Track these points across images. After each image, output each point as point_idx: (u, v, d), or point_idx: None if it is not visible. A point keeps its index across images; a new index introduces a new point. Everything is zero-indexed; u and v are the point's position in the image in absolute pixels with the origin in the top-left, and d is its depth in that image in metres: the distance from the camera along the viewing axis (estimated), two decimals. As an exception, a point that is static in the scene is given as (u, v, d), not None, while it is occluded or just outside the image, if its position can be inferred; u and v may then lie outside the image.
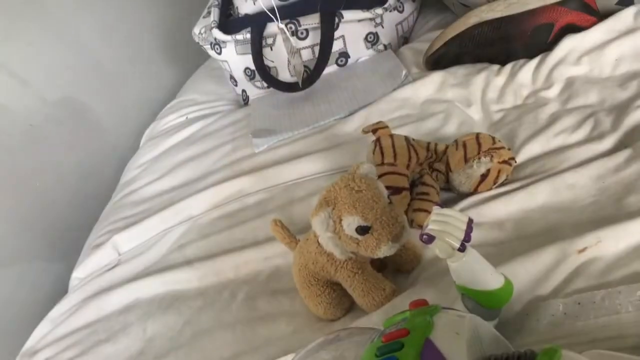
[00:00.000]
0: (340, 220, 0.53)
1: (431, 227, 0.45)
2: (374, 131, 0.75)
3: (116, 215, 1.03)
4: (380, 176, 0.68)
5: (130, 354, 0.72)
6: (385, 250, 0.53)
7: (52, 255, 1.13)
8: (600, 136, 0.68)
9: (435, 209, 0.47)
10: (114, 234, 0.95)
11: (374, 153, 0.72)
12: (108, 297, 0.82)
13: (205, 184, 0.95)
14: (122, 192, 1.12)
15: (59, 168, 1.19)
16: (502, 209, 0.64)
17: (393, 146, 0.71)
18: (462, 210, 0.66)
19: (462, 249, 0.45)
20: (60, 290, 1.00)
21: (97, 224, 1.08)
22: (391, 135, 0.73)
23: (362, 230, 0.53)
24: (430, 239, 0.45)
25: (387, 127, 0.75)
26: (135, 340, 0.74)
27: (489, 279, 0.47)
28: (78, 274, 0.95)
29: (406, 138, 0.72)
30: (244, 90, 1.22)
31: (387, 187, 0.67)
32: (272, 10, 1.06)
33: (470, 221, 0.46)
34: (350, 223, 0.53)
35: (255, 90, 1.20)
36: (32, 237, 1.09)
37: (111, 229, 0.99)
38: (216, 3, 1.19)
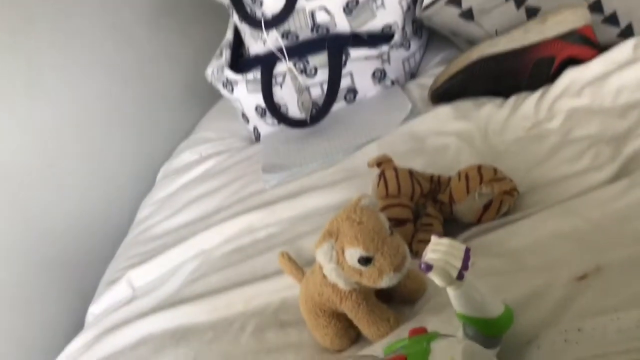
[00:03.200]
0: (343, 251, 0.55)
1: (429, 256, 0.46)
2: (379, 164, 0.76)
3: (131, 252, 1.05)
4: (384, 208, 0.70)
5: (142, 387, 0.74)
6: (387, 281, 0.54)
7: (69, 292, 1.15)
8: (601, 166, 0.69)
9: (434, 239, 0.48)
10: (128, 270, 0.97)
11: (378, 186, 0.74)
12: (122, 332, 0.84)
13: (217, 219, 0.97)
14: (137, 228, 1.15)
15: (78, 206, 1.22)
16: (505, 238, 0.65)
17: (397, 179, 0.72)
18: (465, 240, 0.67)
19: (460, 277, 0.46)
20: (78, 326, 1.02)
21: (113, 260, 1.10)
22: (395, 168, 0.74)
23: (364, 261, 0.54)
24: (429, 268, 0.46)
25: (390, 160, 0.76)
26: (147, 374, 0.75)
27: (489, 307, 0.48)
28: (94, 309, 0.97)
29: (409, 171, 0.74)
30: (255, 127, 1.25)
31: (392, 219, 0.68)
32: (280, 50, 1.09)
33: (468, 250, 0.47)
34: (353, 254, 0.54)
35: (267, 127, 1.23)
36: (50, 275, 1.12)
37: (126, 265, 1.01)
38: (228, 44, 1.24)
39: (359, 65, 1.14)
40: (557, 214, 0.64)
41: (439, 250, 0.47)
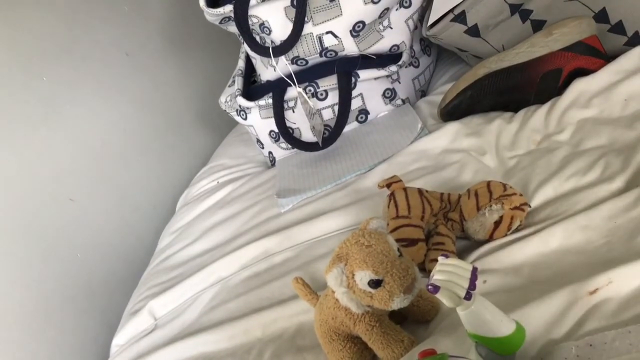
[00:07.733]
0: (353, 275, 0.55)
1: (436, 277, 0.47)
2: (388, 185, 0.77)
3: (152, 281, 1.07)
4: (395, 229, 0.70)
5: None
6: (397, 302, 0.54)
7: (94, 322, 1.16)
8: (611, 177, 0.69)
9: (441, 259, 0.49)
10: (150, 300, 0.98)
11: (388, 207, 0.74)
12: (145, 362, 0.85)
13: (234, 246, 0.98)
14: (158, 258, 1.16)
15: (99, 238, 1.24)
16: (517, 254, 0.65)
17: (406, 199, 0.73)
18: (478, 258, 0.67)
19: (468, 297, 0.46)
20: (103, 357, 1.04)
21: (135, 290, 1.12)
22: (404, 189, 0.75)
23: (374, 283, 0.54)
24: (436, 289, 0.47)
25: (400, 181, 0.77)
26: (169, 403, 0.76)
27: (500, 325, 0.48)
28: (118, 340, 0.99)
29: (419, 190, 0.75)
30: (270, 152, 1.26)
31: (403, 239, 0.69)
32: (289, 75, 1.11)
33: (475, 270, 0.47)
34: (362, 277, 0.55)
35: (281, 152, 1.25)
36: (76, 307, 1.14)
37: (148, 294, 1.03)
38: (240, 72, 1.26)
39: (369, 86, 1.15)
40: (569, 227, 0.64)
41: (445, 271, 0.47)
